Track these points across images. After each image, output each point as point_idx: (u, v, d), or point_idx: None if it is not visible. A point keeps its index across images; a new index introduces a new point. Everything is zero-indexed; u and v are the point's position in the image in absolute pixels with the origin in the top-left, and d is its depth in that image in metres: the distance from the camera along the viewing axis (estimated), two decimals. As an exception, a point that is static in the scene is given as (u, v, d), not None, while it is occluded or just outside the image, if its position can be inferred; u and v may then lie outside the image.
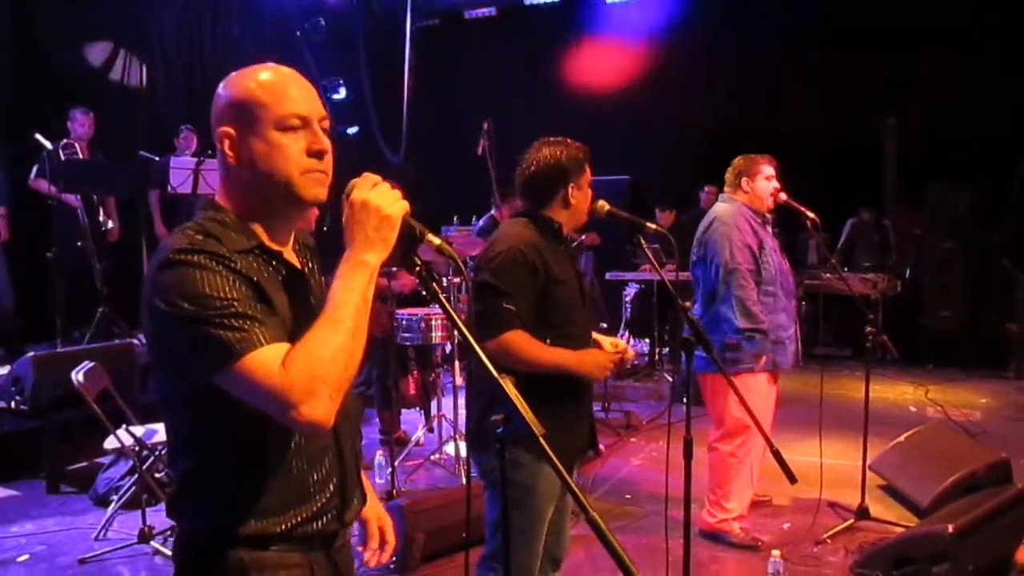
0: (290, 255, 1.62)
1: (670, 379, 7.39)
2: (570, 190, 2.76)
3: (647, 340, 8.74)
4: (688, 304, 2.64)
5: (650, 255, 2.75)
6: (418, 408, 6.09)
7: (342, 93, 10.31)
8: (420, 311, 5.47)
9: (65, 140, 6.29)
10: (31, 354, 5.22)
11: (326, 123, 1.58)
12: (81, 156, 6.62)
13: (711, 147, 6.01)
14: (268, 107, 1.51)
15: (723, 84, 9.72)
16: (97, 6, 7.48)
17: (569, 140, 2.79)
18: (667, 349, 8.59)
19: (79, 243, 6.37)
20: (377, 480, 5.12)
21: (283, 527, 1.53)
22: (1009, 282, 8.41)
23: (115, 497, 4.64)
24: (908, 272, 9.13)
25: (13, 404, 5.16)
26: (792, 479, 2.61)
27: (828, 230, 9.36)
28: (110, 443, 4.41)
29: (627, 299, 8.79)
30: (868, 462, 4.80)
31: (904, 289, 8.84)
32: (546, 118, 9.84)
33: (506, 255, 2.66)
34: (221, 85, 1.57)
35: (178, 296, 1.39)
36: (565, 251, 2.82)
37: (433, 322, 5.30)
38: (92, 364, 4.37)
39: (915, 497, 4.62)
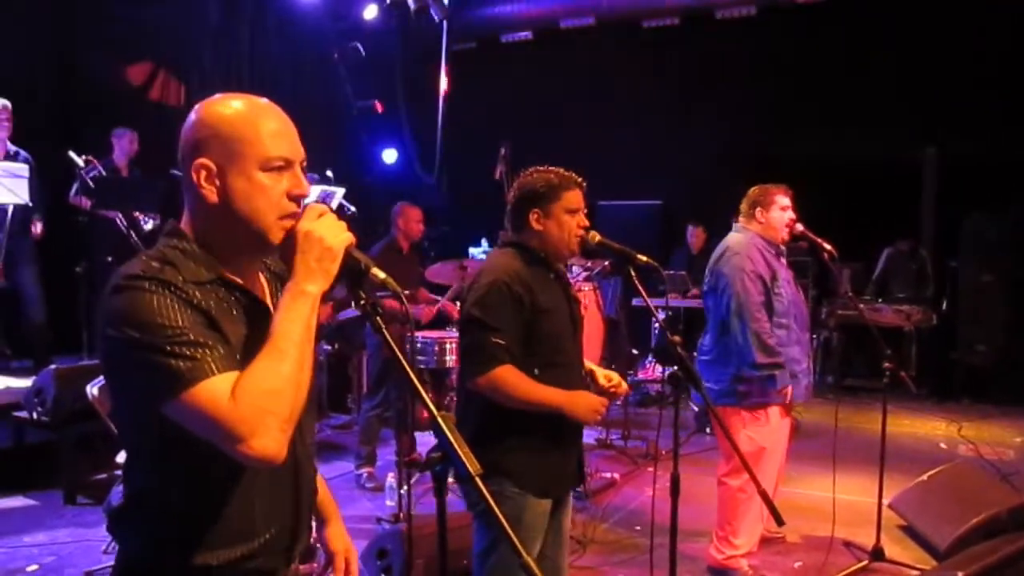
0: (255, 287, 1.60)
1: (695, 408, 7.29)
2: (534, 216, 2.71)
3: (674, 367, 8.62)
4: (677, 338, 2.57)
5: (640, 286, 2.70)
6: (432, 431, 6.08)
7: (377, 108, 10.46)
8: (434, 335, 5.48)
9: (85, 158, 6.42)
10: (53, 366, 5.32)
11: (305, 164, 1.57)
12: (106, 174, 6.73)
13: (749, 173, 5.92)
14: (252, 144, 1.49)
15: (762, 110, 9.62)
16: (137, 25, 7.65)
17: (555, 168, 2.76)
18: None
19: (109, 258, 6.48)
20: (388, 503, 5.12)
21: (220, 561, 1.50)
22: (1048, 317, 8.18)
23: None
24: (944, 304, 8.92)
25: (35, 415, 5.25)
26: (779, 521, 2.55)
27: (864, 259, 9.23)
28: (121, 457, 4.45)
29: (655, 326, 8.70)
30: (889, 500, 4.68)
31: (939, 321, 8.64)
32: (579, 142, 9.88)
33: (490, 287, 2.64)
34: (194, 111, 1.54)
35: (126, 323, 1.38)
36: (555, 279, 2.79)
37: (447, 346, 5.30)
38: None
39: (933, 539, 4.48)
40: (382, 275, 1.51)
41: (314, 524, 1.98)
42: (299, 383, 1.42)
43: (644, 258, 2.71)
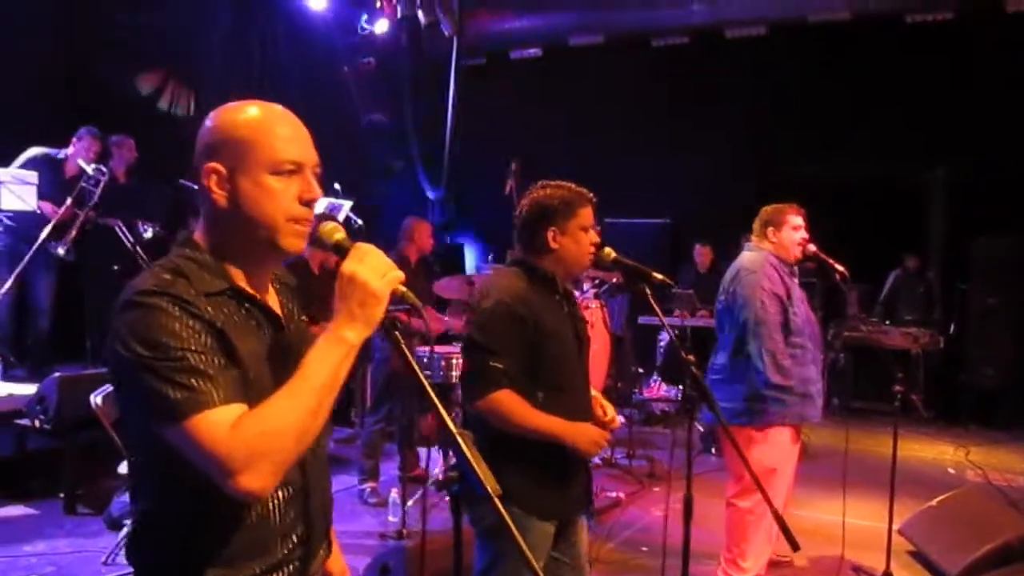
0: (267, 298, 1.58)
1: (701, 428, 7.23)
2: (550, 234, 2.63)
3: (680, 387, 8.58)
4: (691, 357, 2.53)
5: (655, 305, 2.66)
6: (437, 447, 6.03)
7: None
8: (440, 349, 5.44)
9: (94, 166, 6.39)
10: (57, 374, 5.28)
11: (319, 170, 1.55)
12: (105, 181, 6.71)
13: (758, 192, 5.86)
14: (262, 148, 1.48)
15: (771, 129, 9.61)
16: (146, 33, 7.65)
17: (566, 183, 2.69)
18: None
19: (116, 267, 6.46)
20: (391, 518, 5.06)
21: None
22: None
23: (127, 521, 4.64)
24: (952, 327, 8.87)
25: (37, 423, 5.21)
26: (795, 547, 2.49)
27: (871, 281, 9.19)
28: (123, 468, 4.42)
29: (661, 345, 8.65)
30: (898, 525, 4.62)
31: (947, 344, 8.59)
32: (587, 159, 9.86)
33: (492, 309, 2.58)
34: (209, 118, 1.54)
35: (135, 340, 1.36)
36: (560, 299, 2.72)
37: (453, 361, 5.25)
38: (112, 388, 4.39)
39: (943, 566, 4.42)
40: (402, 288, 1.48)
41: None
42: (306, 429, 1.39)
43: (660, 276, 2.66)
